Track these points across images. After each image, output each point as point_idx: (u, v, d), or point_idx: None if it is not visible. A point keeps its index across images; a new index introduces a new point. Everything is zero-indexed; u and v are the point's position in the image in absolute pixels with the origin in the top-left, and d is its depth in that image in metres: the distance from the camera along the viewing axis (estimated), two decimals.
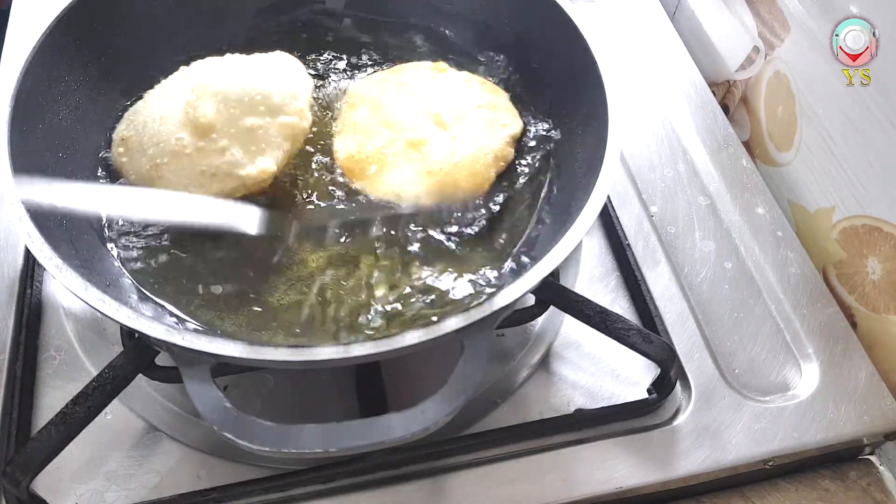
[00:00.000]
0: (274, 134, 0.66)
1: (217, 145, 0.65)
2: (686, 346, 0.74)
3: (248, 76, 0.67)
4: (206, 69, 0.70)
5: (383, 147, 0.72)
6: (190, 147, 0.64)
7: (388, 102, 0.75)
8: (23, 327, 0.71)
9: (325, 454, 0.48)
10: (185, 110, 0.65)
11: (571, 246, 0.57)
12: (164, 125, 0.66)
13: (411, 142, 0.71)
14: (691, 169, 0.89)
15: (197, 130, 0.64)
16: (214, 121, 0.64)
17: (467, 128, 0.73)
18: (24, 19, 0.97)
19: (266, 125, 0.66)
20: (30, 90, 0.64)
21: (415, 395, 0.50)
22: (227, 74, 0.67)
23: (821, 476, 0.71)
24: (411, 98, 0.76)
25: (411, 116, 0.74)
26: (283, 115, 0.67)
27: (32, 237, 0.55)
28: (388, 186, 0.70)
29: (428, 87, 0.77)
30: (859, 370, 0.73)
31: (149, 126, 0.67)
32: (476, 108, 0.75)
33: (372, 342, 0.53)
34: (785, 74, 0.88)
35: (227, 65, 0.70)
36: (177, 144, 0.65)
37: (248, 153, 0.65)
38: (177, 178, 0.65)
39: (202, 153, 0.64)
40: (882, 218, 0.76)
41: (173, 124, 0.65)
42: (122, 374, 0.60)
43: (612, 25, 1.04)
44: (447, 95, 0.76)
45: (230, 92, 0.65)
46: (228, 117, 0.65)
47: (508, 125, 0.74)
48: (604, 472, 0.65)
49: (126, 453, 0.65)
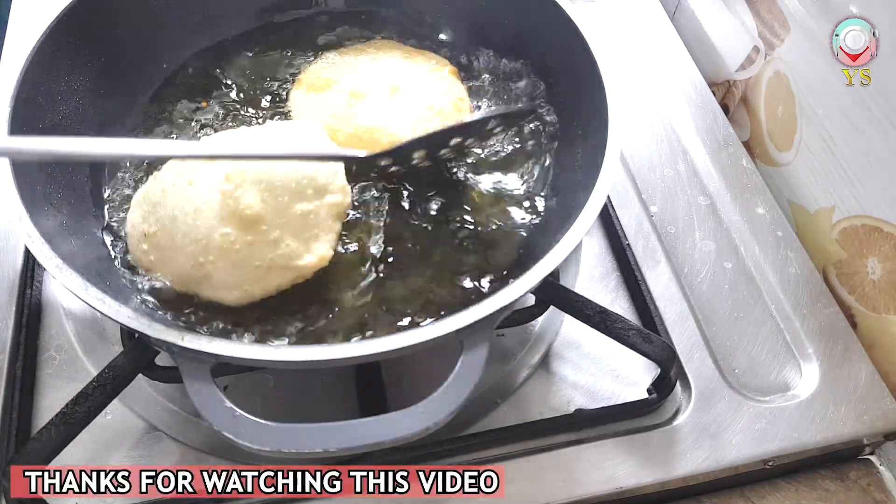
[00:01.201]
0: (324, 216, 0.62)
1: (269, 237, 0.59)
2: (686, 346, 0.74)
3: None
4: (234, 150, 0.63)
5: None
6: (239, 242, 0.59)
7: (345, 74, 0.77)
8: (23, 327, 0.71)
9: (325, 454, 0.48)
10: (225, 202, 0.59)
11: (571, 246, 0.57)
12: (200, 219, 0.59)
13: (353, 93, 0.73)
14: (691, 169, 0.89)
15: (244, 223, 0.59)
16: (262, 211, 0.59)
17: (403, 109, 0.74)
18: (24, 19, 0.97)
19: (316, 209, 0.61)
20: (30, 90, 0.64)
21: (415, 395, 0.50)
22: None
23: (821, 476, 0.71)
24: (392, 65, 0.78)
25: (380, 75, 0.76)
26: (329, 194, 0.63)
27: (32, 237, 0.55)
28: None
29: (409, 68, 0.78)
30: (859, 370, 0.73)
31: (179, 221, 0.60)
32: (426, 106, 0.75)
33: (372, 342, 0.53)
34: (785, 74, 0.88)
35: (254, 143, 0.64)
36: (222, 241, 0.59)
37: (303, 241, 0.61)
38: (228, 276, 0.59)
39: (253, 247, 0.59)
40: (882, 218, 0.76)
41: (211, 217, 0.59)
42: (122, 374, 0.60)
43: (612, 25, 1.04)
44: (417, 81, 0.77)
45: (274, 178, 0.60)
46: (276, 206, 0.59)
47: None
48: (604, 472, 0.65)
49: (126, 453, 0.65)
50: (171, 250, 0.61)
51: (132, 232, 0.64)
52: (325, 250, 0.62)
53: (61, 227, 0.61)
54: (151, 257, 0.62)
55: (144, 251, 0.62)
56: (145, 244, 0.62)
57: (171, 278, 0.62)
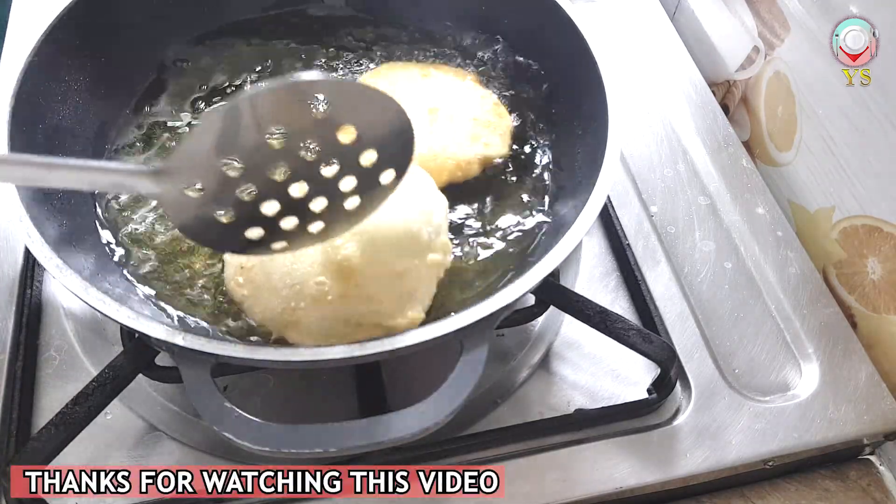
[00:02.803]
0: (423, 276, 0.60)
1: (363, 292, 0.57)
2: (686, 346, 0.74)
3: (392, 207, 0.55)
4: None
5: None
6: (332, 293, 0.57)
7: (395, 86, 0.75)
8: (23, 327, 0.71)
9: (324, 454, 0.48)
10: (325, 249, 0.57)
11: (571, 246, 0.57)
12: (298, 262, 0.58)
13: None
14: (691, 169, 0.89)
15: (341, 275, 0.57)
16: (360, 265, 0.57)
17: (450, 128, 0.72)
18: (24, 19, 0.97)
19: (415, 267, 0.59)
20: (30, 90, 0.64)
21: (415, 395, 0.50)
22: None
23: (821, 476, 0.71)
24: (416, 87, 0.75)
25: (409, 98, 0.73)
26: (431, 252, 0.60)
27: (32, 237, 0.55)
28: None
29: (435, 85, 0.76)
30: (859, 370, 0.73)
31: (278, 261, 0.59)
32: (471, 119, 0.74)
33: (372, 342, 0.53)
34: (785, 74, 0.88)
35: None
36: (317, 290, 0.57)
37: (398, 301, 0.58)
38: (317, 325, 0.58)
39: (346, 300, 0.57)
40: (882, 218, 0.76)
41: (308, 263, 0.58)
42: (122, 374, 0.60)
43: (612, 25, 1.04)
44: (449, 96, 0.75)
45: (378, 231, 0.57)
46: (375, 261, 0.58)
47: (490, 146, 0.72)
48: (604, 472, 0.65)
49: (126, 453, 0.65)
50: (265, 289, 0.59)
51: (230, 261, 0.63)
52: (417, 312, 0.59)
53: (61, 228, 0.61)
54: (245, 291, 0.61)
55: (239, 283, 0.61)
56: (241, 276, 0.61)
57: (259, 316, 0.60)
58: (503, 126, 0.75)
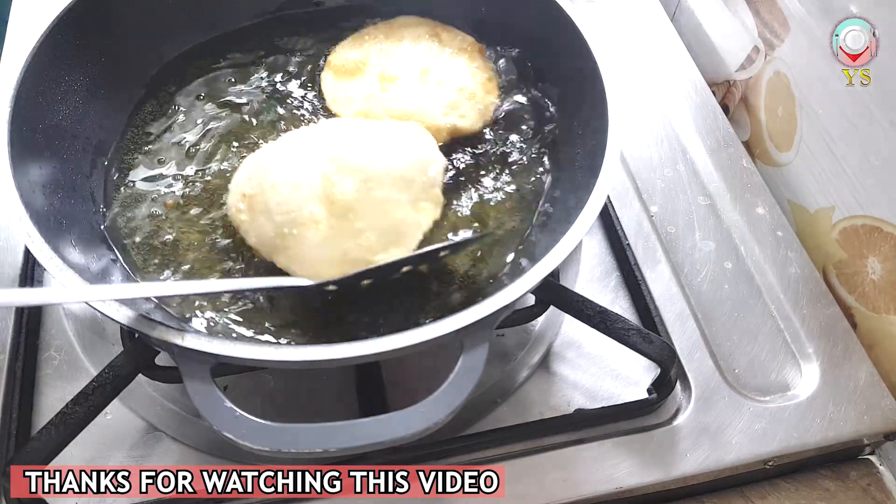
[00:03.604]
0: (411, 221, 0.63)
1: (353, 226, 0.61)
2: (686, 346, 0.74)
3: (390, 153, 0.63)
4: (343, 136, 0.66)
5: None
6: (324, 224, 0.61)
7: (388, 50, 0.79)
8: (23, 327, 0.71)
9: (324, 454, 0.48)
10: (323, 182, 0.61)
11: (571, 246, 0.57)
12: (297, 192, 0.62)
13: (384, 76, 0.74)
14: (691, 169, 0.89)
15: (334, 208, 0.61)
16: (354, 200, 0.61)
17: (434, 92, 0.75)
18: (24, 19, 0.97)
19: (406, 211, 0.63)
20: (30, 90, 0.64)
21: (415, 395, 0.50)
22: (369, 149, 0.64)
23: (821, 476, 0.71)
24: (418, 45, 0.79)
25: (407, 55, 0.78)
26: (423, 200, 0.64)
27: (32, 237, 0.55)
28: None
29: (436, 47, 0.80)
30: (859, 370, 0.73)
31: (278, 189, 0.62)
32: (457, 88, 0.76)
33: (372, 342, 0.53)
34: (785, 74, 0.88)
35: (364, 134, 0.66)
36: (310, 218, 0.61)
37: (384, 239, 0.62)
38: (305, 252, 0.61)
39: (335, 232, 0.61)
40: (882, 218, 0.76)
41: (306, 194, 0.62)
42: (122, 374, 0.60)
43: (613, 25, 1.04)
44: (445, 61, 0.78)
45: (372, 171, 0.62)
46: (369, 199, 0.61)
47: (464, 118, 0.74)
48: (604, 472, 0.65)
49: (126, 453, 0.65)
50: (262, 214, 0.63)
51: (234, 189, 0.66)
52: (400, 251, 0.62)
53: (61, 227, 0.61)
54: (244, 216, 0.64)
55: (239, 209, 0.64)
56: (242, 203, 0.64)
57: (254, 239, 0.64)
58: (485, 102, 0.76)
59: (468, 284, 0.65)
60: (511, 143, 0.75)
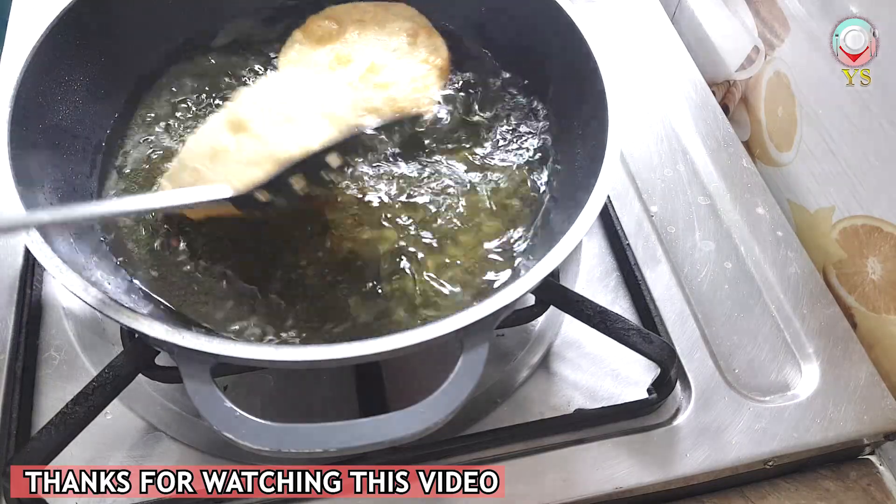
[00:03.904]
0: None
1: (252, 133, 0.62)
2: (686, 346, 0.74)
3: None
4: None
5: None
6: (229, 143, 0.62)
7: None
8: (23, 327, 0.71)
9: (324, 454, 0.48)
10: (223, 113, 0.64)
11: (571, 246, 0.57)
12: (202, 134, 0.65)
13: (340, 57, 0.76)
14: (691, 169, 0.89)
15: (233, 126, 0.63)
16: (248, 118, 0.63)
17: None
18: (24, 19, 0.97)
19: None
20: (30, 90, 0.64)
21: (415, 395, 0.50)
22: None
23: (821, 476, 0.71)
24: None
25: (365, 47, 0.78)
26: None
27: (32, 237, 0.55)
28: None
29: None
30: (859, 370, 0.73)
31: (188, 144, 0.66)
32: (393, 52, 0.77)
33: (372, 342, 0.53)
34: (785, 74, 0.88)
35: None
36: (215, 144, 0.62)
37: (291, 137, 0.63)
38: (216, 175, 0.62)
39: (239, 144, 0.62)
40: (882, 218, 0.76)
41: (210, 131, 0.64)
42: (121, 374, 0.60)
43: (612, 25, 1.04)
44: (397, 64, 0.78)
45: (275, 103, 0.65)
46: (263, 116, 0.63)
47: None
48: (604, 472, 0.65)
49: (126, 453, 0.65)
50: (180, 171, 0.63)
51: (165, 186, 0.66)
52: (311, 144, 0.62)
53: (61, 227, 0.61)
54: (167, 184, 0.65)
55: (165, 186, 0.65)
56: (166, 181, 0.65)
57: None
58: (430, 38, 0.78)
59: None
60: (511, 143, 0.75)
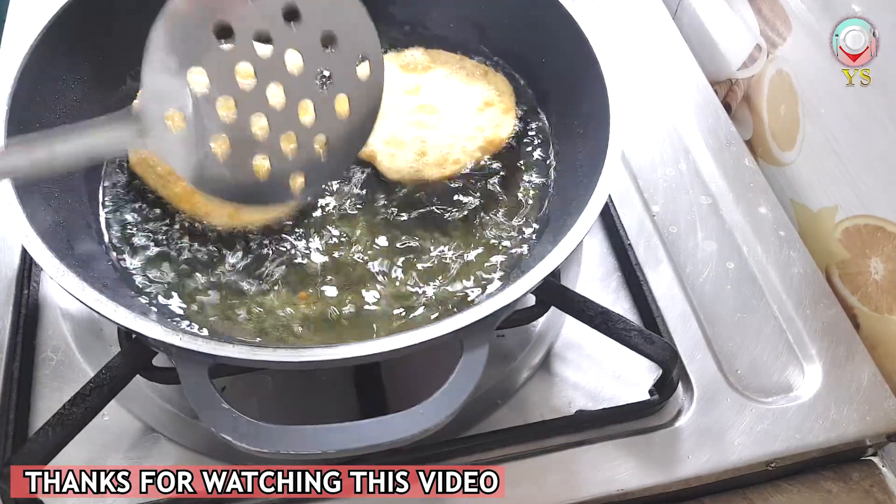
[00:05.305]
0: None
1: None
2: (688, 346, 0.73)
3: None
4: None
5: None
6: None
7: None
8: (20, 328, 0.71)
9: (323, 455, 0.48)
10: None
11: (572, 246, 0.56)
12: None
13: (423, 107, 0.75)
14: (693, 168, 0.89)
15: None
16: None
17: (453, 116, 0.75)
18: (21, 19, 0.97)
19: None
20: (27, 90, 0.63)
21: (415, 396, 0.50)
22: None
23: (823, 477, 0.70)
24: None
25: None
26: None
27: (30, 237, 0.55)
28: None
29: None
30: (862, 371, 0.73)
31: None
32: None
33: (372, 342, 0.52)
34: (787, 73, 0.87)
35: None
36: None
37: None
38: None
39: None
40: (885, 217, 0.75)
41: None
42: (119, 375, 0.60)
43: (614, 24, 1.04)
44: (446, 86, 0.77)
45: None
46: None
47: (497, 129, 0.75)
48: (605, 474, 0.65)
49: (124, 455, 0.65)
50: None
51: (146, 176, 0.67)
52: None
53: (58, 228, 0.61)
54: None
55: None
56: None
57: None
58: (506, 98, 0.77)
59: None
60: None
